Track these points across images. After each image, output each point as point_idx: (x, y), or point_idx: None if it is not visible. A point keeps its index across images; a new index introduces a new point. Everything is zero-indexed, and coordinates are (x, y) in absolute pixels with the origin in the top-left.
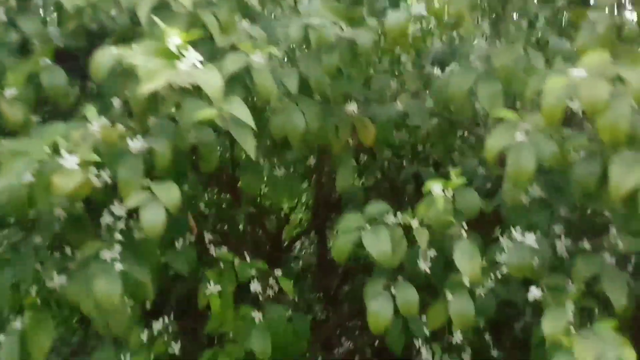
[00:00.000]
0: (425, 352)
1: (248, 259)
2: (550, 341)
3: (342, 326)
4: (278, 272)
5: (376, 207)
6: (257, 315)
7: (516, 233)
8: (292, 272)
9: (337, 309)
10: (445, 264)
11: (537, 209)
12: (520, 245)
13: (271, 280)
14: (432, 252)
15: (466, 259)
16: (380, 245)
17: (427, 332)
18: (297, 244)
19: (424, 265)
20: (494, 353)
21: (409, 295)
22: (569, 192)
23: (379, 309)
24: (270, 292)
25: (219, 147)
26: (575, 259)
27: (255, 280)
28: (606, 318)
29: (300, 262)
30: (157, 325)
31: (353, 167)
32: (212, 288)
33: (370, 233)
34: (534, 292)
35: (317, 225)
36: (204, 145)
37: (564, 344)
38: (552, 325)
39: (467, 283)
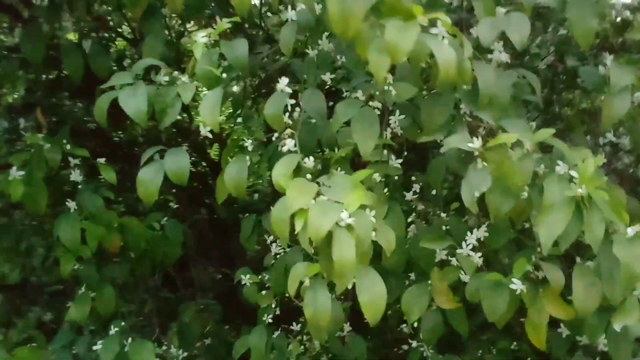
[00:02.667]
0: None
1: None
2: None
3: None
4: (101, 160)
5: (143, 62)
6: (71, 205)
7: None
8: None
9: None
10: None
11: None
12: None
13: None
14: None
15: (208, 107)
16: (136, 103)
17: None
18: None
19: (204, 131)
20: None
21: (179, 162)
22: None
23: (148, 177)
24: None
25: None
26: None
27: (77, 169)
28: None
29: None
30: None
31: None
32: (15, 173)
33: (128, 90)
34: (288, 144)
35: None
36: None
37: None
38: (279, 171)
39: (249, 147)
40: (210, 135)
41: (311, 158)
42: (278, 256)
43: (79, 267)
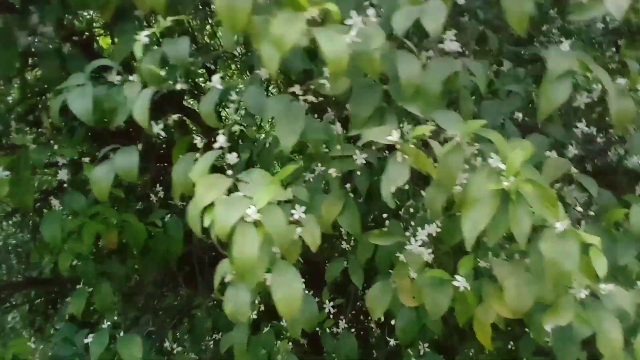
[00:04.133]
0: None
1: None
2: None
3: None
4: (85, 159)
5: (95, 63)
6: (55, 203)
7: None
8: None
9: None
10: None
11: None
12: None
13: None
14: None
15: (138, 107)
16: (83, 102)
17: None
18: None
19: (157, 129)
20: None
21: (128, 160)
22: None
23: (101, 175)
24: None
25: None
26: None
27: (64, 168)
28: None
29: None
30: None
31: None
32: (1, 174)
33: (77, 91)
34: (220, 141)
35: None
36: None
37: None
38: (197, 167)
39: (200, 144)
40: (163, 134)
41: (234, 154)
42: None
43: (77, 263)
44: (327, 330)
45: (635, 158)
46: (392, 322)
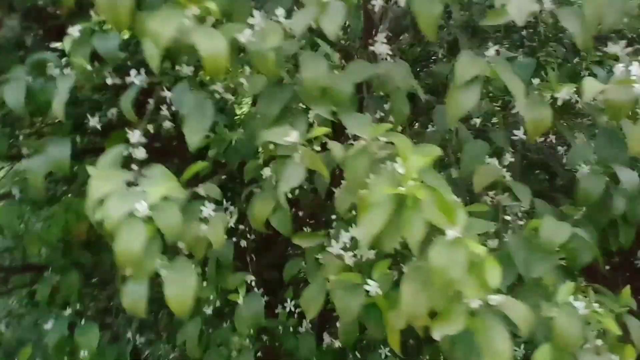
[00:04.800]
0: None
1: None
2: None
3: None
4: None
5: (37, 55)
6: (15, 192)
7: None
8: None
9: None
10: None
11: None
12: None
13: None
14: None
15: (56, 101)
16: (16, 94)
17: None
18: None
19: (93, 122)
20: None
21: (59, 152)
22: None
23: (35, 166)
24: None
25: None
26: None
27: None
28: None
29: None
30: None
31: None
32: None
33: (12, 83)
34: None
35: None
36: None
37: None
38: (99, 164)
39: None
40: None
41: (141, 149)
42: None
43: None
44: (291, 329)
45: (585, 167)
46: None
